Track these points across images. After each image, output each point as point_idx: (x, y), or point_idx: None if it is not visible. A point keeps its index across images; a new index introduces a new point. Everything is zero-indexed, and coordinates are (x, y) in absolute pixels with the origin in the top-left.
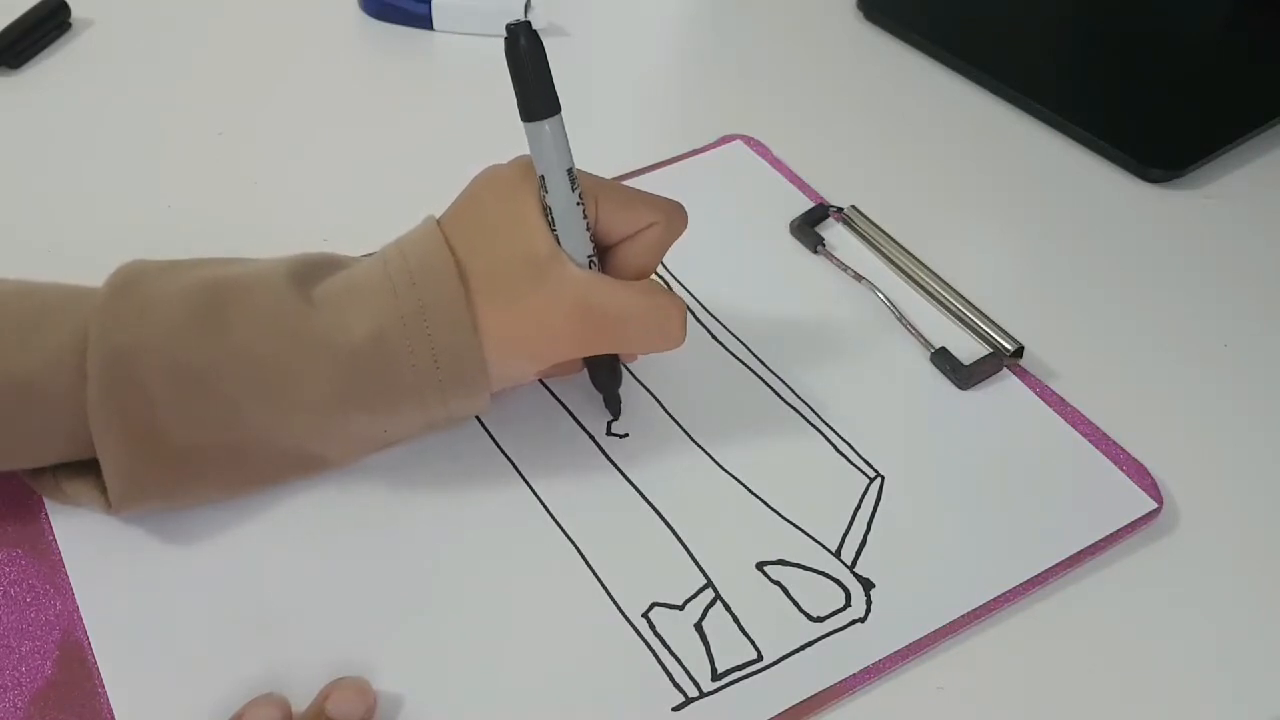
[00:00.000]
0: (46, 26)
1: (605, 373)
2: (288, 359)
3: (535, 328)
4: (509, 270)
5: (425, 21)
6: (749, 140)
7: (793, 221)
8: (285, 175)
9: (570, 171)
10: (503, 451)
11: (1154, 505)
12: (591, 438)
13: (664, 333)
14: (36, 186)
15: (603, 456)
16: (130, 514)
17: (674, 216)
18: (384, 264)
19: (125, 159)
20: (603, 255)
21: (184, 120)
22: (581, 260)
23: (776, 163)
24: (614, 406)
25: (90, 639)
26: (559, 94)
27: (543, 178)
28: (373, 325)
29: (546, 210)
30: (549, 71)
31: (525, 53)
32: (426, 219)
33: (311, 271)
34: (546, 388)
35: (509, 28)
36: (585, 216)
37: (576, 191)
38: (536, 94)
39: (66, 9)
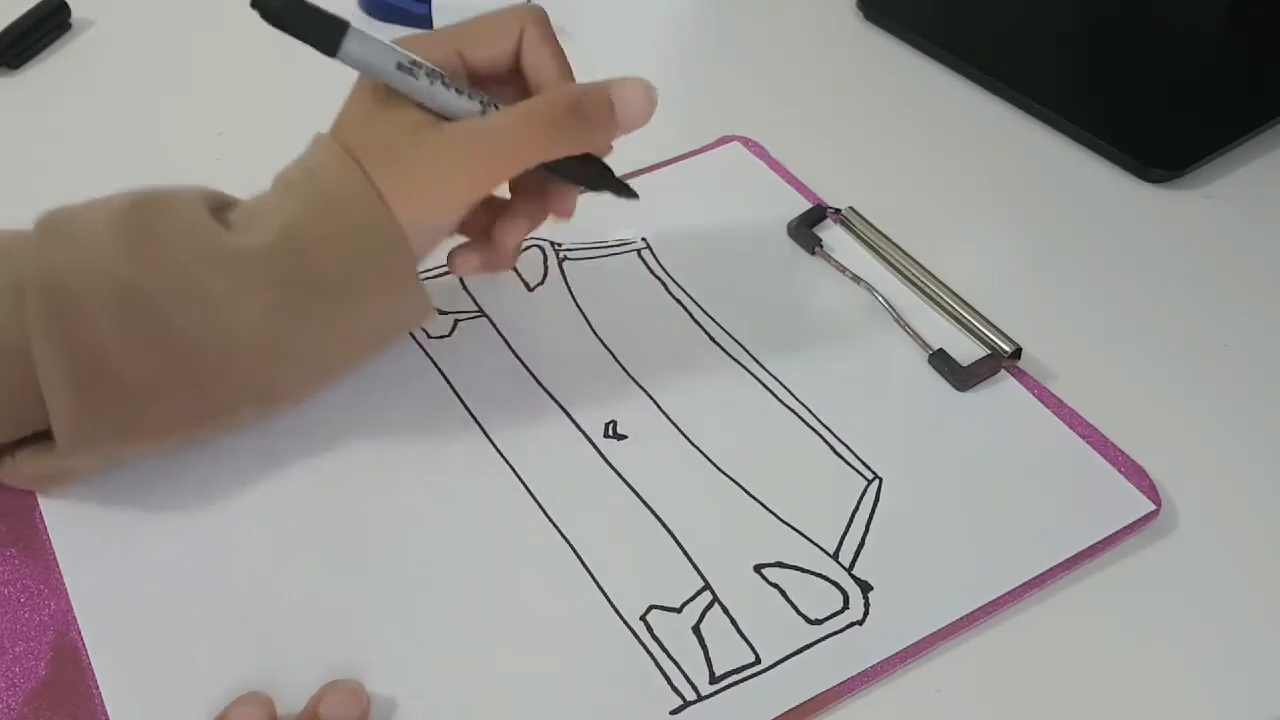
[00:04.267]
0: (46, 26)
1: (590, 171)
2: (212, 271)
3: (431, 172)
4: (393, 139)
5: (425, 21)
6: (747, 141)
7: (790, 223)
8: None
9: (401, 64)
10: (500, 453)
11: (1152, 507)
12: (588, 439)
13: (553, 119)
14: (36, 186)
15: (600, 458)
16: (78, 458)
17: (529, 13)
18: (279, 180)
19: (125, 159)
20: (518, 86)
21: (184, 120)
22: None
23: (774, 164)
24: (627, 190)
25: (84, 639)
26: None
27: (398, 85)
28: (282, 223)
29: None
30: (311, 4)
31: (279, 6)
32: (315, 135)
33: (222, 202)
34: (543, 388)
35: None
36: (449, 85)
37: (423, 73)
38: (317, 28)
39: (66, 9)
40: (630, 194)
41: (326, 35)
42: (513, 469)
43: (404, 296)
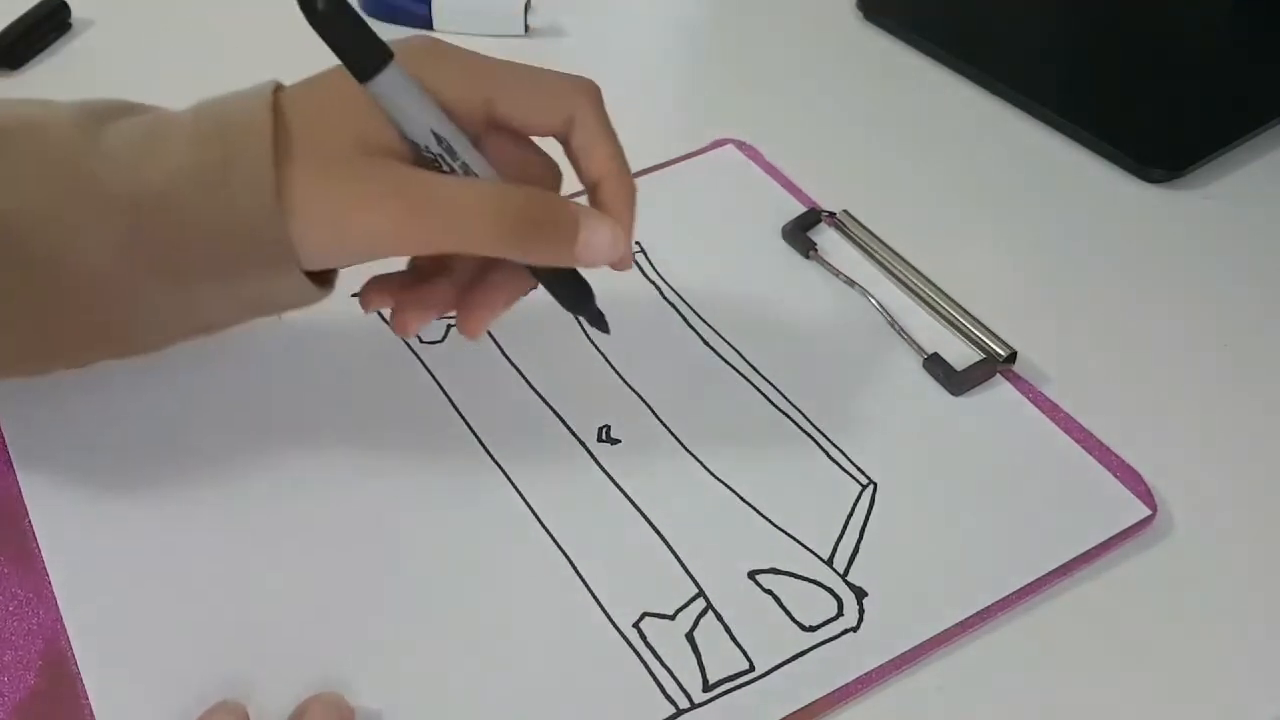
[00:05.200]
0: (46, 26)
1: (568, 288)
2: (71, 211)
3: (352, 204)
4: (335, 140)
5: (425, 21)
6: (741, 144)
7: (784, 226)
8: None
9: (431, 131)
10: (492, 458)
11: (1148, 512)
12: (582, 444)
13: (496, 219)
14: None
15: (593, 463)
16: None
17: (586, 94)
18: (195, 113)
19: None
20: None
21: None
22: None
23: (768, 167)
24: (600, 322)
25: (74, 648)
26: None
27: (426, 148)
28: (165, 175)
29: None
30: (363, 21)
31: (329, 13)
32: (267, 81)
33: (110, 112)
34: (536, 392)
35: None
36: (454, 165)
37: (442, 150)
38: (359, 48)
39: (66, 9)
40: (603, 328)
41: (364, 60)
42: (505, 474)
43: (283, 286)
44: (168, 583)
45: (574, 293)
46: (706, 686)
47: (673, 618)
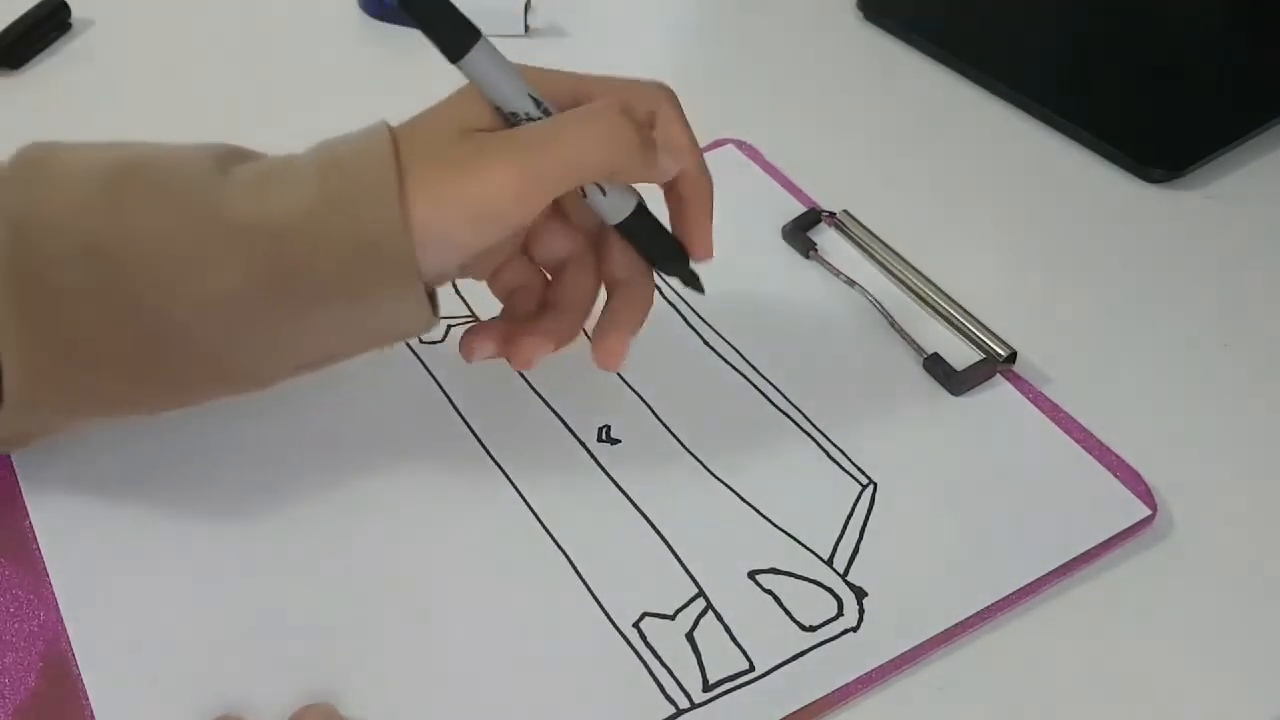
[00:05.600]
0: (46, 26)
1: (668, 248)
2: (194, 240)
3: (472, 180)
4: (443, 142)
5: None
6: (741, 144)
7: (784, 226)
8: None
9: (528, 95)
10: (492, 458)
11: (1148, 512)
12: (582, 444)
13: (606, 132)
14: None
15: (593, 463)
16: (32, 414)
17: (664, 93)
18: (315, 150)
19: None
20: None
21: (184, 120)
22: None
23: (768, 166)
24: (695, 282)
25: (74, 651)
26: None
27: (526, 115)
28: (290, 206)
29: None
30: (452, 4)
31: None
32: (379, 121)
33: (239, 155)
34: (536, 393)
35: None
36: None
37: (541, 111)
38: (450, 29)
39: (66, 9)
40: (699, 288)
41: (455, 40)
42: (505, 474)
43: (403, 305)
44: (168, 584)
45: (671, 252)
46: (706, 686)
47: (673, 618)
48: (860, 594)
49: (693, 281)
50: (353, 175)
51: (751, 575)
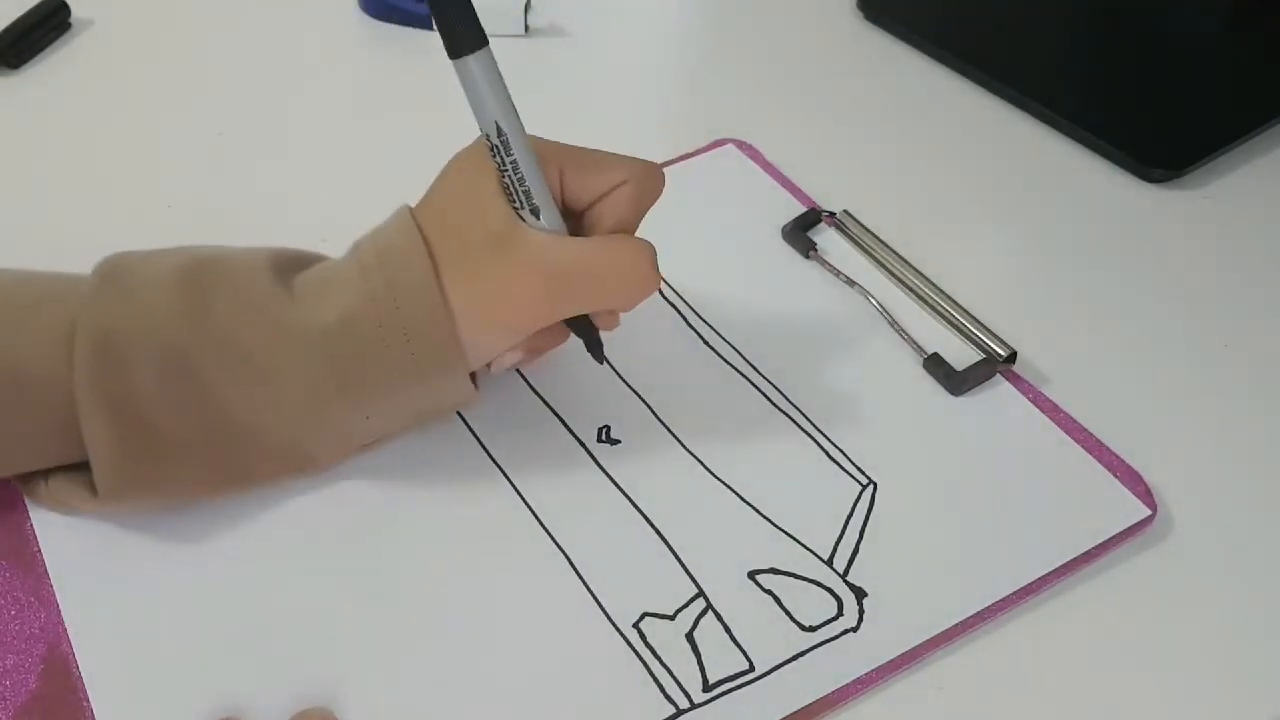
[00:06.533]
0: (46, 26)
1: (591, 330)
2: (266, 345)
3: (502, 297)
4: (471, 246)
5: (425, 21)
6: (741, 144)
7: (784, 226)
8: (285, 175)
9: (499, 123)
10: (492, 459)
11: (1148, 512)
12: (582, 445)
13: (636, 279)
14: (36, 187)
15: (593, 464)
16: (118, 508)
17: (645, 174)
18: (356, 251)
19: (125, 159)
20: (576, 221)
21: (184, 120)
22: (551, 218)
23: (768, 166)
24: (597, 350)
25: (75, 652)
26: (556, 96)
27: (489, 136)
28: (343, 308)
29: (506, 177)
30: (471, 7)
31: None
32: (400, 208)
33: (290, 263)
34: (536, 393)
35: None
36: (523, 187)
37: (518, 145)
38: (460, 27)
39: (66, 9)
40: (599, 356)
41: (460, 41)
42: (505, 474)
43: (449, 383)
44: (169, 587)
45: (593, 332)
46: (706, 686)
47: (673, 618)
48: (860, 594)
49: (595, 348)
50: (393, 273)
51: (751, 575)
